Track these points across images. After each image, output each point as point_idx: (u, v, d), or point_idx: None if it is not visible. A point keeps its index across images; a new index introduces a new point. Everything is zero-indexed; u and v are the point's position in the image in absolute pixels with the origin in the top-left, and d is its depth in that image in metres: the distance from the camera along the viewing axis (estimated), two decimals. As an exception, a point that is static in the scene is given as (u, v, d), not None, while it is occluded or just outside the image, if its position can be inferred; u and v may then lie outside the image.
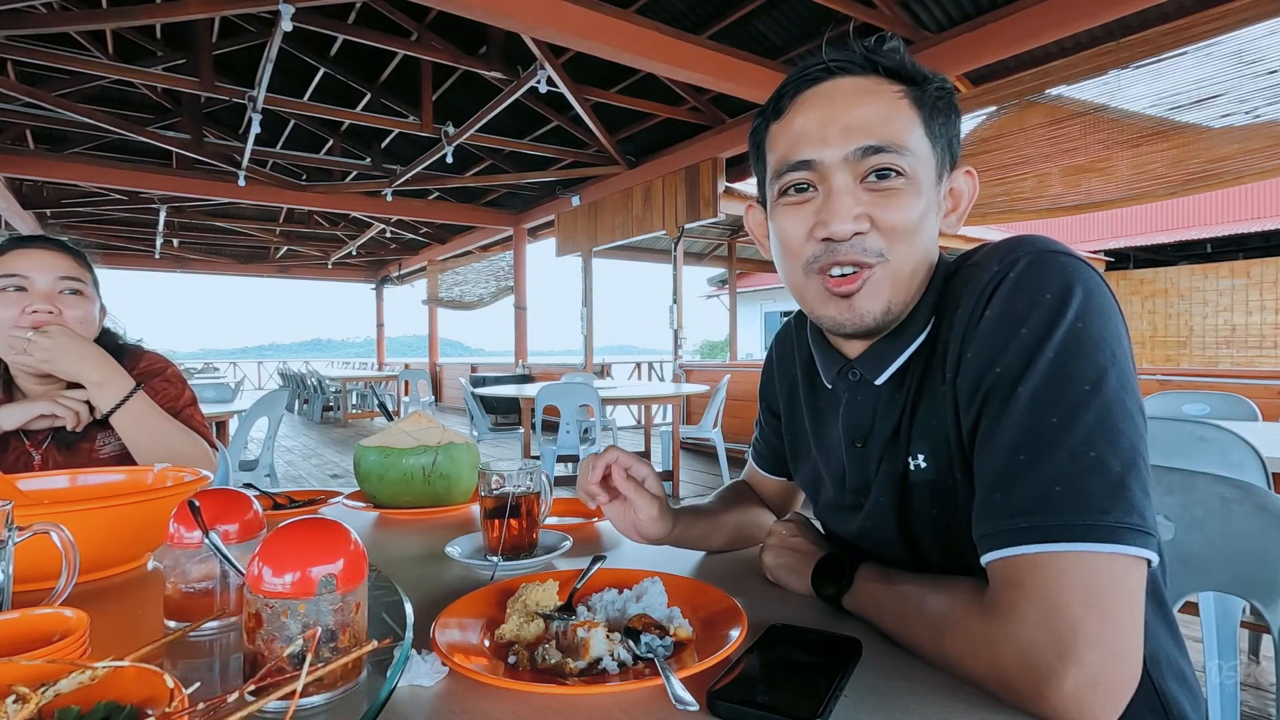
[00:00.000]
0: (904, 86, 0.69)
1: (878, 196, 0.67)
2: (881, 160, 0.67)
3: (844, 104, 0.68)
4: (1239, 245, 12.56)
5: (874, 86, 0.69)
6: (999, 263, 0.64)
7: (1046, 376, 0.57)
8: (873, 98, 0.68)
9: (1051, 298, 0.59)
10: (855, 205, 0.67)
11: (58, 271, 1.29)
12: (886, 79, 0.70)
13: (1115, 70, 3.94)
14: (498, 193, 9.42)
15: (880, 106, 0.68)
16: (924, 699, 0.54)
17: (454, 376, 12.68)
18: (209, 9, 4.58)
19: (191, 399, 1.46)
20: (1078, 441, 0.55)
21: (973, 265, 0.67)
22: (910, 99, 0.69)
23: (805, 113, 0.70)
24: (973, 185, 0.75)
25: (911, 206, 0.68)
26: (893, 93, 0.69)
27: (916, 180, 0.68)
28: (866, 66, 0.70)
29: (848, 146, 0.67)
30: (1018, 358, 0.59)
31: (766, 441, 1.01)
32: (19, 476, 0.98)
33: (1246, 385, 4.04)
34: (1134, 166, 3.98)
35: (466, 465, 1.24)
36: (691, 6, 4.93)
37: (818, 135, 0.68)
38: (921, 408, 0.70)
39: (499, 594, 0.72)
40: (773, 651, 0.61)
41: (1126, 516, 0.53)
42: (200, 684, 0.52)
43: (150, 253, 12.80)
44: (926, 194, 0.69)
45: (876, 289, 0.69)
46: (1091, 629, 0.51)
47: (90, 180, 7.47)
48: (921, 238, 0.69)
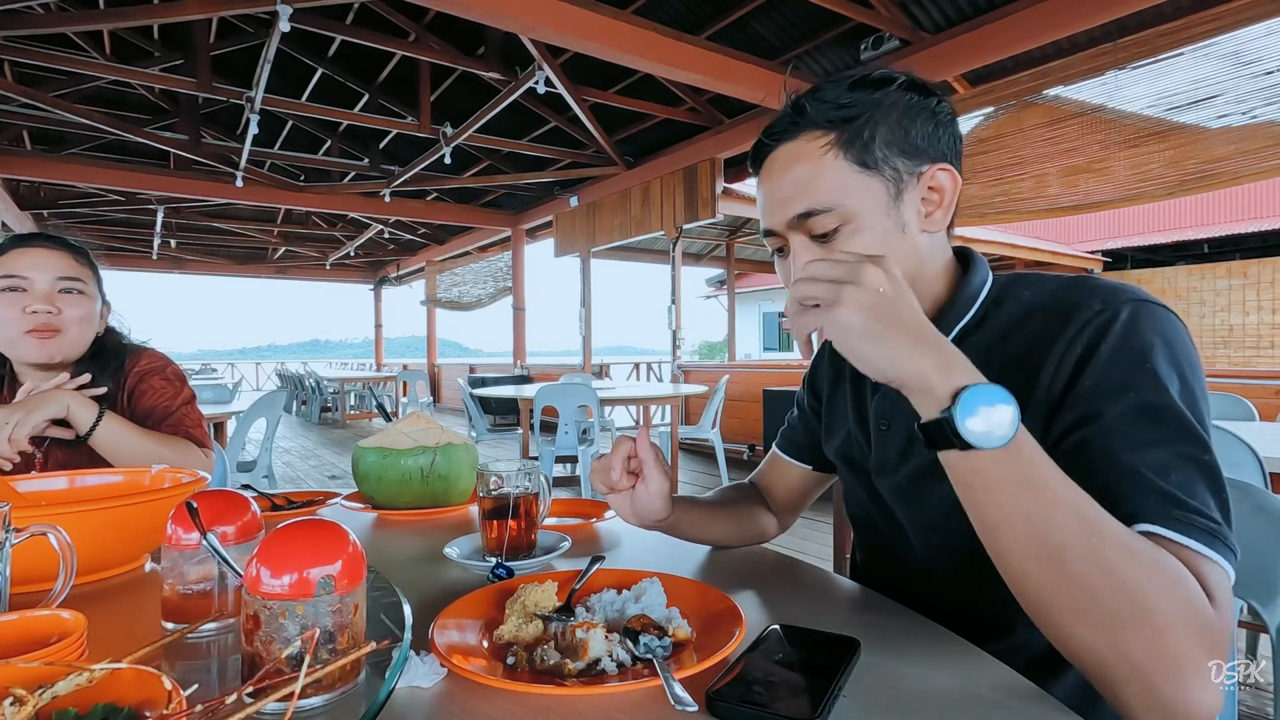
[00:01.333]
0: (831, 134, 0.73)
1: (826, 249, 0.74)
2: (812, 223, 0.73)
3: (778, 174, 0.76)
4: (1236, 245, 12.59)
5: (800, 149, 0.74)
6: (1104, 303, 0.67)
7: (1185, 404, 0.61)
8: (798, 163, 0.74)
9: (1162, 344, 0.63)
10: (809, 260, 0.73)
11: (56, 271, 1.29)
12: (813, 132, 0.74)
13: (1113, 71, 3.95)
14: (496, 193, 9.42)
15: (804, 170, 0.74)
16: (923, 699, 0.54)
17: (452, 377, 12.67)
18: (207, 9, 4.57)
19: (190, 397, 1.45)
20: (1192, 464, 0.58)
21: (1070, 303, 0.69)
22: (836, 145, 0.73)
23: (760, 187, 0.79)
24: (952, 179, 0.76)
25: (857, 248, 0.72)
26: (818, 148, 0.73)
27: (858, 220, 0.72)
28: (794, 125, 0.75)
29: (786, 216, 0.75)
30: (1149, 385, 0.61)
31: (802, 426, 1.05)
32: (17, 478, 0.98)
33: (1244, 385, 4.05)
34: (1131, 167, 3.99)
35: (465, 466, 1.24)
36: (690, 7, 4.93)
37: (768, 208, 0.77)
38: None
39: (498, 595, 0.72)
40: (772, 652, 0.61)
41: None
42: (198, 686, 0.52)
43: (148, 253, 12.79)
44: (874, 223, 0.73)
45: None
46: (1225, 653, 0.52)
47: (88, 181, 7.45)
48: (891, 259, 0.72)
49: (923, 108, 0.75)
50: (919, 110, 0.75)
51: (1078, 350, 0.66)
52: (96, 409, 1.22)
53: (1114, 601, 0.51)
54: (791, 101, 0.76)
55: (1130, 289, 0.68)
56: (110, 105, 6.78)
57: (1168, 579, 0.51)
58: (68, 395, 1.20)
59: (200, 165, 7.58)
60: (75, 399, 1.21)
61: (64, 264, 1.30)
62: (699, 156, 6.64)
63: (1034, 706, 0.54)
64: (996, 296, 0.78)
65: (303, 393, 12.91)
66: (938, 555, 0.80)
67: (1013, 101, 4.45)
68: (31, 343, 1.27)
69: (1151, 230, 14.09)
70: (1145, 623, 0.50)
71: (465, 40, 5.62)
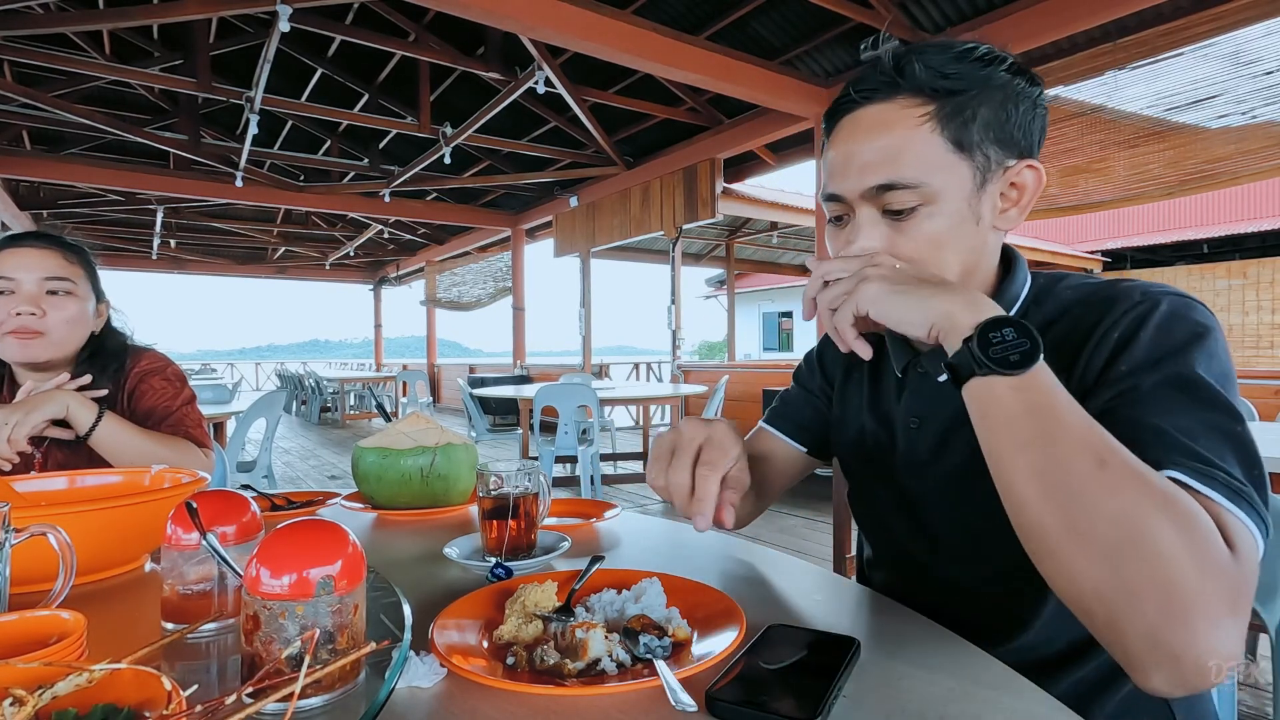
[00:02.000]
0: (931, 105, 0.69)
1: (896, 228, 0.71)
2: (892, 198, 0.69)
3: (864, 137, 0.70)
4: (1236, 246, 12.60)
5: (893, 115, 0.70)
6: (1143, 296, 0.67)
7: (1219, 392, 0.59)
8: (888, 130, 0.69)
9: (1201, 334, 0.63)
10: (873, 237, 0.71)
11: (43, 271, 1.28)
12: (911, 99, 0.69)
13: (1112, 71, 3.95)
14: (496, 193, 9.42)
15: (894, 139, 0.69)
16: (923, 699, 0.54)
17: (452, 377, 12.67)
18: (206, 10, 4.57)
19: (190, 398, 1.45)
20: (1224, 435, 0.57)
21: (1108, 297, 0.69)
22: (936, 118, 0.68)
23: (836, 146, 0.74)
24: (1037, 178, 0.74)
25: (930, 233, 0.70)
26: (915, 118, 0.69)
27: (938, 205, 0.69)
28: (890, 88, 0.70)
29: (863, 184, 0.70)
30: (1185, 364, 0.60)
31: (807, 406, 1.00)
32: (16, 478, 0.98)
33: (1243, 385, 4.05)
34: (1131, 167, 3.99)
35: (465, 466, 1.24)
36: (689, 7, 4.93)
37: (841, 171, 0.72)
38: None
39: (497, 595, 0.72)
40: (771, 652, 0.61)
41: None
42: (198, 686, 0.52)
43: (147, 253, 12.78)
44: (954, 210, 0.70)
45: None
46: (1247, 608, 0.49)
47: (87, 181, 7.45)
48: (950, 251, 0.71)
49: (1026, 96, 0.71)
50: (1023, 98, 0.70)
51: (1114, 336, 0.65)
52: (96, 409, 1.22)
53: (1118, 530, 0.49)
54: (893, 57, 0.70)
55: (1170, 287, 0.68)
56: (110, 105, 6.77)
57: (1181, 513, 0.49)
58: (67, 395, 1.20)
59: (200, 165, 7.58)
60: (75, 399, 1.20)
61: (52, 264, 1.29)
62: (699, 156, 6.64)
63: (1034, 706, 0.54)
64: (1035, 296, 0.77)
65: (302, 393, 12.91)
66: (961, 556, 0.79)
67: (1012, 101, 4.44)
68: (13, 344, 1.27)
69: (1151, 230, 14.09)
70: (1151, 554, 0.48)
71: (465, 40, 5.62)
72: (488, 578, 0.83)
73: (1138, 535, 0.48)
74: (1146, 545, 0.48)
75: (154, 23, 4.77)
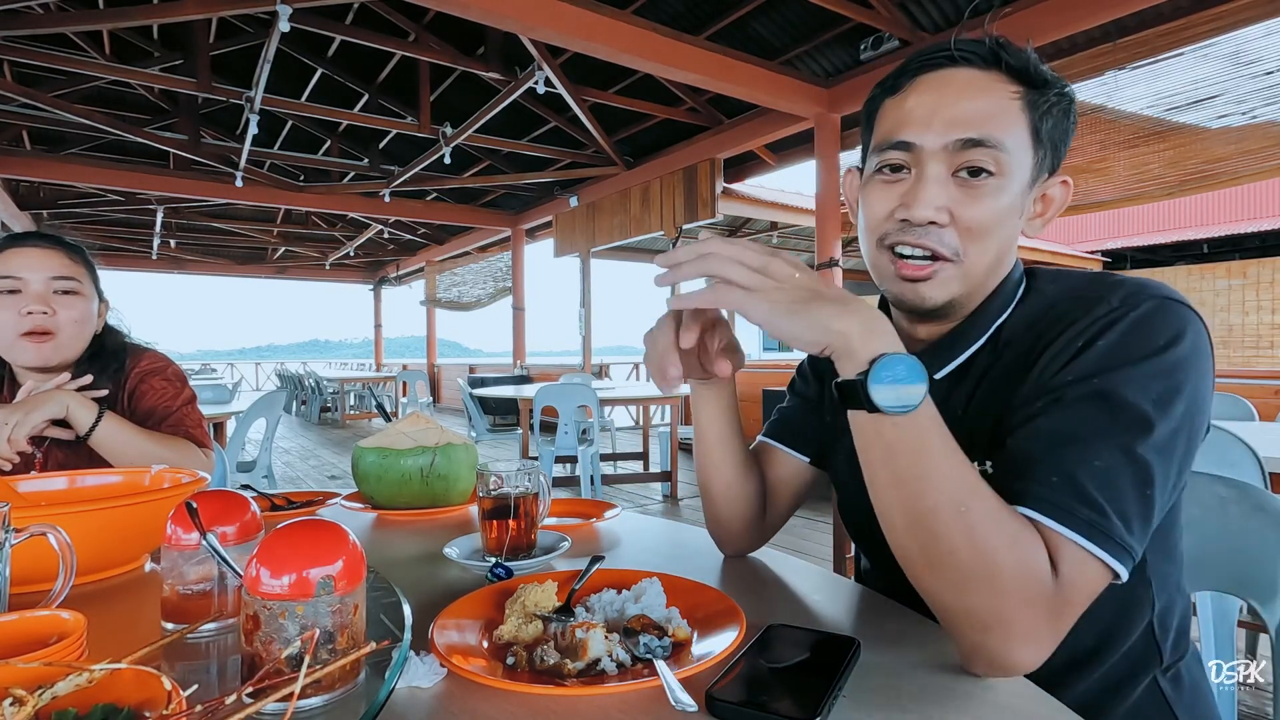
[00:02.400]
0: (1022, 88, 0.70)
1: (965, 192, 0.69)
2: (977, 155, 0.68)
3: (956, 94, 0.69)
4: (1236, 246, 12.61)
5: (990, 83, 0.70)
6: (1120, 298, 0.65)
7: (1136, 402, 0.60)
8: (985, 94, 0.69)
9: (1165, 345, 0.62)
10: (940, 196, 0.69)
11: (50, 271, 1.28)
12: (1006, 77, 0.70)
13: (1112, 71, 3.95)
14: (496, 193, 9.42)
15: (990, 103, 0.69)
16: (923, 699, 0.54)
17: (452, 377, 12.67)
18: (206, 10, 4.57)
19: (190, 398, 1.45)
20: (1123, 456, 0.59)
21: (1092, 298, 0.68)
22: (1024, 101, 0.70)
23: (918, 95, 0.71)
24: (1065, 195, 0.76)
25: (995, 207, 0.69)
26: (1008, 92, 0.69)
27: (1008, 181, 0.69)
28: (990, 60, 0.71)
29: (949, 136, 0.68)
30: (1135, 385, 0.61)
31: (803, 414, 0.96)
32: (17, 478, 0.98)
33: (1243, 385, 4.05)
34: (1131, 167, 3.99)
35: (465, 466, 1.24)
36: (689, 7, 4.93)
37: (923, 120, 0.70)
38: (991, 413, 0.70)
39: (497, 595, 0.72)
40: (771, 652, 0.61)
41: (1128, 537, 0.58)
42: (198, 686, 0.52)
43: (147, 253, 12.79)
44: (1015, 196, 0.70)
45: (946, 284, 0.72)
46: (1067, 626, 0.57)
47: (87, 181, 7.45)
48: (998, 238, 0.71)
49: (1072, 117, 0.73)
50: (1073, 119, 0.73)
51: (1079, 343, 0.64)
52: (96, 409, 1.22)
53: (966, 569, 0.56)
54: (993, 41, 0.72)
55: (1156, 286, 0.66)
56: (110, 105, 6.78)
57: (1019, 554, 0.56)
58: (67, 395, 1.20)
59: (200, 165, 7.58)
60: (75, 399, 1.20)
61: (58, 263, 1.29)
62: (699, 157, 6.64)
63: (1034, 706, 0.54)
64: (1023, 295, 0.76)
65: (302, 393, 12.91)
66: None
67: (1012, 101, 4.44)
68: (28, 346, 1.26)
69: (1151, 230, 14.10)
70: (988, 586, 0.56)
71: (465, 40, 5.62)
72: (487, 577, 0.83)
73: (982, 573, 0.56)
74: (986, 582, 0.56)
75: (154, 23, 4.78)
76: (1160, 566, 0.72)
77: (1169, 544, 0.74)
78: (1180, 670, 0.75)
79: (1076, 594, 0.57)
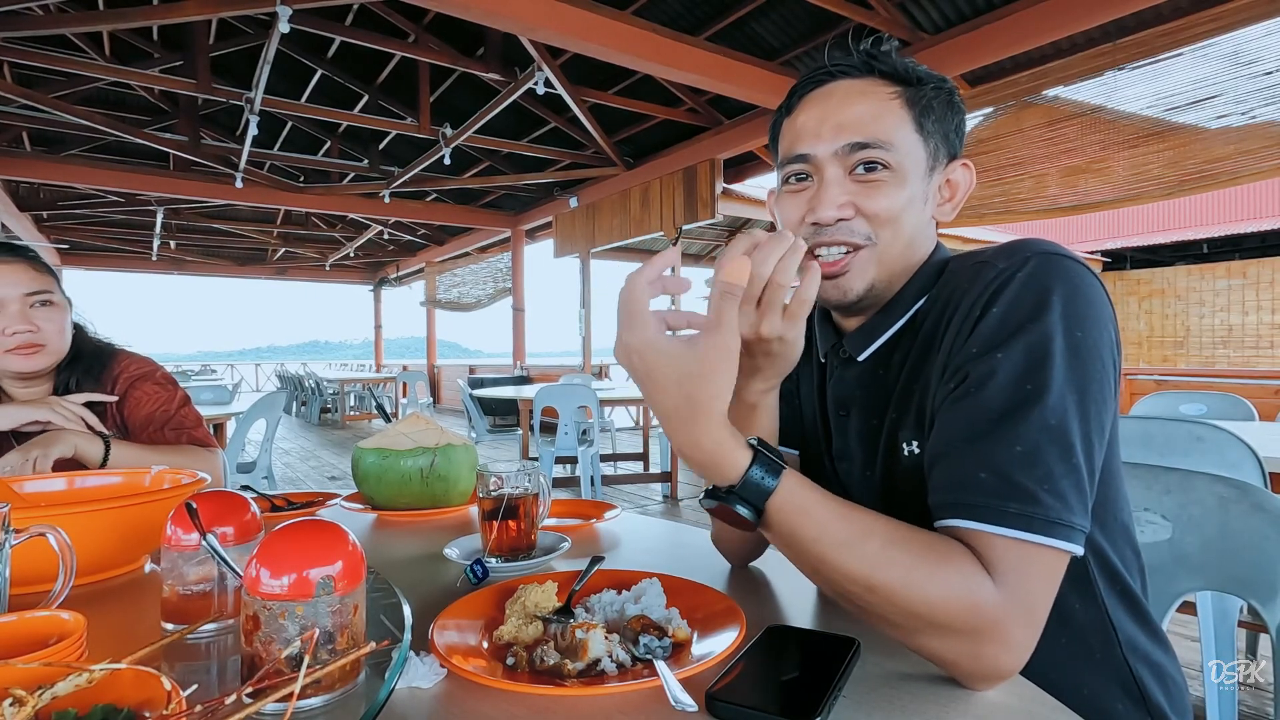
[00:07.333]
0: (899, 88, 0.75)
1: (863, 187, 0.74)
2: (866, 155, 0.73)
3: (839, 104, 0.75)
4: (1235, 246, 12.60)
5: (868, 88, 0.76)
6: (1005, 261, 0.67)
7: (1031, 370, 0.61)
8: (865, 98, 0.75)
9: (1054, 300, 0.63)
10: (841, 195, 0.74)
11: (25, 286, 1.28)
12: (882, 81, 0.76)
13: (1112, 71, 3.95)
14: (495, 194, 9.42)
15: (870, 106, 0.74)
16: (923, 699, 0.55)
17: (452, 378, 12.66)
18: (206, 11, 4.57)
19: (185, 399, 1.46)
20: (1040, 432, 0.59)
21: (980, 263, 0.70)
22: (903, 99, 0.75)
23: (807, 110, 0.78)
24: (969, 177, 0.81)
25: (895, 196, 0.73)
26: (886, 94, 0.75)
27: (902, 173, 0.74)
28: (864, 69, 0.77)
29: (838, 142, 0.74)
30: (1022, 355, 0.62)
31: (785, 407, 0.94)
32: (17, 479, 0.98)
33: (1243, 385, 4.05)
34: (1131, 167, 3.99)
35: (465, 467, 1.24)
36: (689, 8, 4.93)
37: (814, 132, 0.76)
38: (915, 394, 0.72)
39: (497, 595, 0.72)
40: (771, 652, 0.61)
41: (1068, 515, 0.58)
42: (198, 686, 0.52)
43: (147, 255, 12.79)
44: (913, 185, 0.74)
45: (863, 268, 0.75)
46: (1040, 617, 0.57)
47: (87, 182, 7.45)
48: (906, 224, 0.75)
49: (956, 107, 0.79)
50: (956, 110, 0.79)
51: (975, 315, 0.66)
52: (101, 442, 1.23)
53: (905, 623, 0.58)
54: (864, 52, 0.77)
55: (1037, 243, 0.68)
56: (110, 106, 6.78)
57: (945, 590, 0.56)
58: (73, 435, 1.21)
59: (200, 166, 7.58)
60: (80, 438, 1.21)
61: (28, 278, 1.29)
62: (698, 157, 6.65)
63: (1034, 706, 0.54)
64: (939, 284, 0.77)
65: (302, 394, 12.91)
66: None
67: (1012, 102, 4.45)
68: (17, 359, 1.28)
69: (1151, 230, 14.10)
70: (933, 630, 0.56)
71: (465, 41, 5.63)
72: (465, 574, 0.83)
73: (922, 624, 0.57)
74: (931, 629, 0.56)
75: (154, 24, 4.78)
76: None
77: (1107, 495, 0.73)
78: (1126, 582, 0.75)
79: (1034, 588, 0.57)
